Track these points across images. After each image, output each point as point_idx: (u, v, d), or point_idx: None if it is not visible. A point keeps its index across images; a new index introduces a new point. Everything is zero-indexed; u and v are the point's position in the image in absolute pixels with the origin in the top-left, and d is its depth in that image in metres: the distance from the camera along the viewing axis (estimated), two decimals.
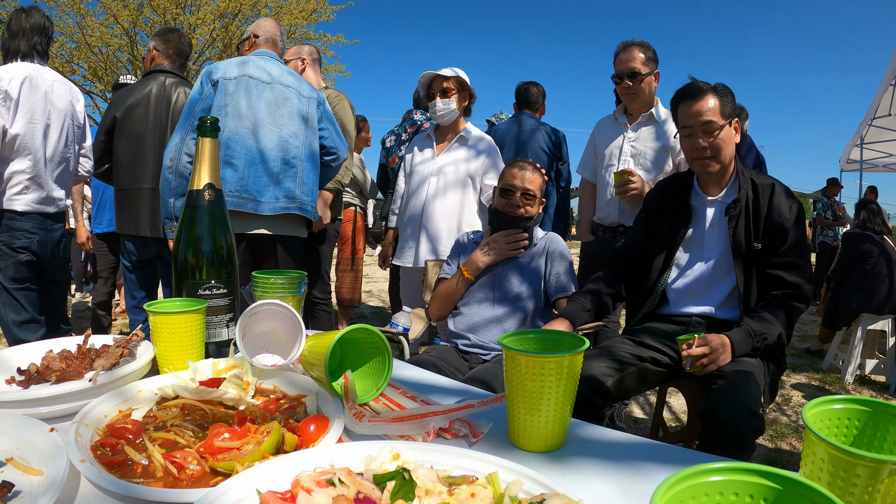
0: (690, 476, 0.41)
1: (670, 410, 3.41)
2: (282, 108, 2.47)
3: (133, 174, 2.81)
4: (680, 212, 1.89)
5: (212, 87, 2.37)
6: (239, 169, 2.35)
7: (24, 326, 2.56)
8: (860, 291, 4.21)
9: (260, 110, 2.41)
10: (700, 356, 1.60)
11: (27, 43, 2.58)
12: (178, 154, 2.31)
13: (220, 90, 2.37)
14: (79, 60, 12.21)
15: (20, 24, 2.58)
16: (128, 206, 2.82)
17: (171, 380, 0.89)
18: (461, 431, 0.81)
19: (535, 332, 0.90)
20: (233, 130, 2.35)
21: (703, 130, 1.78)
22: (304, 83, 2.62)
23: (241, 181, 2.35)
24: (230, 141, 2.34)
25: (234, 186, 2.34)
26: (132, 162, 2.81)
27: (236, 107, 2.37)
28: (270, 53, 2.60)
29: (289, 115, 2.49)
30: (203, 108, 2.36)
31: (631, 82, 2.62)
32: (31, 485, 0.63)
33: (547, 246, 2.13)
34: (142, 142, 2.79)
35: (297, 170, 2.50)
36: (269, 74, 2.48)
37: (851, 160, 11.23)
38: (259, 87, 2.43)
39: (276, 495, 0.54)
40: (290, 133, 2.48)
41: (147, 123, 2.79)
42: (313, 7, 12.80)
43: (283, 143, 2.45)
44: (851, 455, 0.48)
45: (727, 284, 1.82)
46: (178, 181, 2.34)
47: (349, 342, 0.92)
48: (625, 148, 2.72)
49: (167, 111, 2.82)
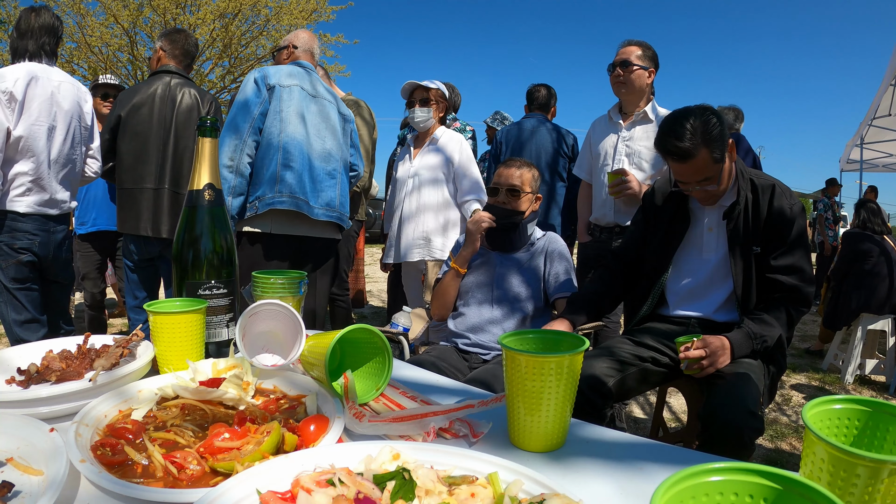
0: (690, 476, 0.41)
1: (670, 410, 3.41)
2: (326, 122, 2.63)
3: (136, 174, 2.81)
4: (678, 214, 1.88)
5: (268, 92, 2.48)
6: (297, 173, 2.48)
7: (25, 326, 2.56)
8: (860, 291, 4.20)
9: (309, 122, 2.56)
10: (698, 359, 1.59)
11: (35, 43, 2.57)
12: (240, 154, 2.42)
13: (275, 96, 2.48)
14: (79, 60, 12.20)
15: (29, 24, 2.56)
16: (130, 206, 2.83)
17: (171, 380, 0.89)
18: (461, 431, 0.81)
19: (535, 332, 0.90)
20: (290, 136, 2.48)
21: (701, 186, 1.75)
22: (340, 101, 2.78)
23: (299, 184, 2.48)
24: (288, 146, 2.47)
25: (292, 188, 2.47)
26: (135, 162, 2.81)
27: (291, 114, 2.49)
28: (311, 67, 2.74)
29: (331, 130, 2.66)
30: (262, 111, 2.46)
31: (622, 70, 2.62)
32: (31, 485, 0.63)
33: (546, 246, 2.13)
34: (145, 142, 2.80)
35: (337, 181, 2.67)
36: (315, 89, 2.63)
37: (851, 160, 11.22)
38: (308, 99, 2.58)
39: (276, 495, 0.54)
40: (332, 146, 2.65)
41: (151, 123, 2.80)
42: (313, 7, 12.79)
43: (326, 155, 2.61)
44: (851, 455, 0.48)
45: (725, 288, 1.80)
46: (238, 180, 2.44)
47: (349, 342, 0.92)
48: (619, 147, 2.72)
49: (172, 112, 2.83)
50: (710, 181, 1.73)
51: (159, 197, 2.80)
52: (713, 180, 1.72)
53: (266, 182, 2.44)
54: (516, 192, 2.09)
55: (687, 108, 1.74)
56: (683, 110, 1.73)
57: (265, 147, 2.47)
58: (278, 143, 2.46)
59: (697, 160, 1.68)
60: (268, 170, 2.45)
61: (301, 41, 2.82)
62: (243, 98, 2.46)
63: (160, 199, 2.80)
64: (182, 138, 2.83)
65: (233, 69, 13.11)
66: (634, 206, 2.46)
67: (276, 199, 2.43)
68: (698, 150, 1.67)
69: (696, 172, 1.71)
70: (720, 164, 1.71)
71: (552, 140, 3.45)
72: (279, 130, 2.46)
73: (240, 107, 2.44)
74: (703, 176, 1.72)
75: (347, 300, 3.75)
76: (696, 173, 1.71)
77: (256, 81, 2.47)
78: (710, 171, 1.71)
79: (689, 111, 1.72)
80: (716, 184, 1.75)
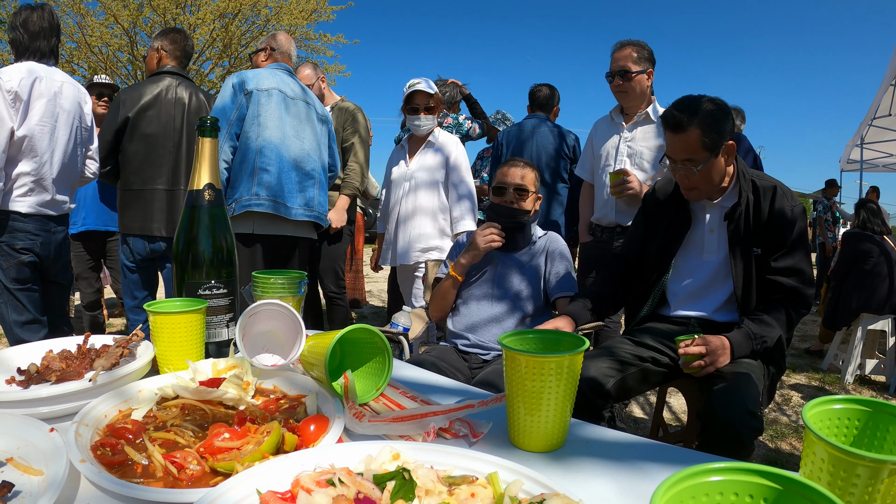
0: (690, 476, 0.41)
1: (670, 410, 3.41)
2: (304, 123, 2.71)
3: (145, 175, 2.83)
4: (679, 215, 1.88)
5: (244, 97, 2.55)
6: (273, 175, 2.57)
7: (26, 327, 2.56)
8: (860, 291, 4.20)
9: (287, 124, 2.63)
10: (697, 356, 1.59)
11: (48, 44, 2.56)
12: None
13: (253, 100, 2.56)
14: (79, 60, 12.21)
15: (38, 24, 2.54)
16: (137, 206, 2.83)
17: (171, 380, 0.89)
18: (461, 431, 0.81)
19: (535, 332, 0.90)
20: (266, 139, 2.56)
21: (684, 165, 1.74)
22: (318, 102, 2.86)
23: (276, 187, 2.57)
24: (264, 149, 2.56)
25: (270, 192, 2.57)
26: (143, 163, 2.82)
27: (268, 118, 2.57)
28: (289, 69, 2.81)
29: (310, 131, 2.75)
30: (238, 116, 2.54)
31: (622, 80, 2.62)
32: (31, 485, 0.63)
33: (547, 245, 2.13)
34: (154, 143, 2.82)
35: (315, 181, 2.76)
36: (293, 91, 2.71)
37: (852, 160, 11.22)
38: (286, 101, 2.65)
39: (276, 495, 0.54)
40: (310, 147, 2.73)
41: (160, 125, 2.82)
42: (313, 7, 12.80)
43: (304, 156, 2.70)
44: (851, 455, 0.48)
45: (726, 289, 1.80)
46: None
47: (349, 342, 0.92)
48: (621, 148, 2.72)
49: (182, 113, 2.86)
50: (693, 163, 1.72)
51: (172, 198, 2.84)
52: (696, 163, 1.72)
53: (243, 185, 2.51)
54: (524, 192, 2.09)
55: (705, 95, 1.75)
56: (702, 95, 1.75)
57: (243, 151, 2.55)
58: (256, 146, 2.54)
59: (687, 136, 1.69)
60: (246, 173, 2.53)
61: (278, 43, 2.90)
62: (221, 104, 2.55)
63: (173, 200, 2.84)
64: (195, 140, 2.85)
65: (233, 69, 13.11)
66: (636, 206, 2.46)
67: (252, 201, 2.51)
68: (690, 126, 1.68)
69: (683, 149, 1.72)
70: (709, 154, 1.70)
71: (552, 140, 3.44)
72: (257, 134, 2.54)
73: (217, 113, 2.52)
74: (687, 155, 1.72)
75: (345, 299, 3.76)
76: (682, 150, 1.72)
77: (234, 87, 2.56)
78: (695, 153, 1.70)
79: (705, 96, 1.74)
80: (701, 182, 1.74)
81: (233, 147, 2.53)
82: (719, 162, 1.74)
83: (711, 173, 1.74)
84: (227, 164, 2.53)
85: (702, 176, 1.73)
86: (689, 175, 1.75)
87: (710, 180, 1.75)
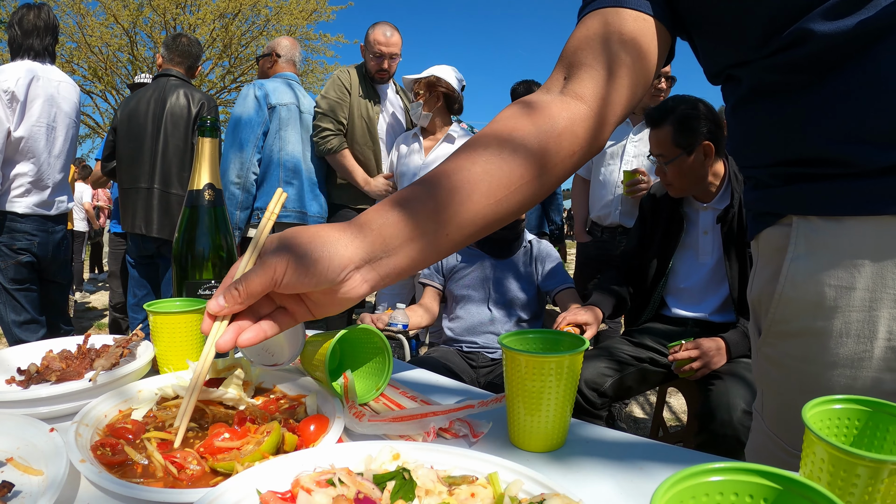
0: (690, 476, 0.41)
1: (670, 410, 3.41)
2: (309, 134, 2.91)
3: (132, 174, 2.86)
4: (673, 218, 1.90)
5: (268, 112, 2.74)
6: (297, 188, 2.79)
7: (25, 327, 2.56)
8: None
9: (304, 139, 2.85)
10: (687, 360, 1.61)
11: (41, 42, 2.56)
12: (247, 172, 2.70)
13: (275, 115, 2.75)
14: (79, 60, 12.21)
15: (33, 23, 2.54)
16: (127, 205, 2.88)
17: (171, 380, 0.89)
18: (461, 431, 0.81)
19: (535, 332, 0.90)
20: (289, 154, 2.78)
21: (657, 160, 1.85)
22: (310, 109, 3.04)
23: (299, 199, 2.79)
24: (287, 163, 2.78)
25: (295, 204, 2.78)
26: (131, 162, 2.86)
27: (290, 133, 2.77)
28: (295, 78, 2.99)
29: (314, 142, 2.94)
30: (263, 131, 2.75)
31: None
32: (31, 485, 0.63)
33: (534, 249, 2.19)
34: (140, 142, 2.84)
35: (316, 185, 2.97)
36: (301, 103, 2.89)
37: None
38: (300, 115, 2.85)
39: (276, 495, 0.54)
40: (311, 156, 2.94)
41: (146, 125, 2.83)
42: (313, 7, 12.80)
43: (316, 166, 2.93)
44: (851, 455, 0.48)
45: (722, 290, 1.81)
46: (244, 196, 2.74)
47: (349, 342, 0.92)
48: (628, 148, 2.72)
49: (162, 111, 2.86)
50: (663, 158, 1.83)
51: (150, 196, 2.85)
52: (665, 158, 1.82)
53: (270, 195, 2.62)
54: None
55: (694, 98, 1.87)
56: (688, 96, 1.88)
57: (266, 163, 2.74)
58: (279, 160, 2.74)
59: (660, 132, 1.82)
60: (271, 185, 2.71)
61: (284, 48, 2.99)
62: (246, 115, 2.65)
63: (150, 198, 2.85)
64: (172, 137, 2.85)
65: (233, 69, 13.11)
66: None
67: (282, 212, 2.66)
68: (662, 124, 1.82)
69: (656, 144, 1.85)
70: (681, 151, 1.78)
71: None
72: (279, 148, 2.74)
73: (243, 124, 2.64)
74: (659, 151, 1.84)
75: None
76: (655, 145, 1.86)
77: (258, 98, 2.67)
78: (665, 148, 1.81)
79: (689, 97, 1.86)
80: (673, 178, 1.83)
81: (259, 159, 2.73)
82: (691, 161, 1.79)
83: (682, 170, 1.80)
84: (255, 175, 2.73)
85: (671, 172, 1.80)
86: (661, 170, 1.84)
87: (682, 177, 1.81)
